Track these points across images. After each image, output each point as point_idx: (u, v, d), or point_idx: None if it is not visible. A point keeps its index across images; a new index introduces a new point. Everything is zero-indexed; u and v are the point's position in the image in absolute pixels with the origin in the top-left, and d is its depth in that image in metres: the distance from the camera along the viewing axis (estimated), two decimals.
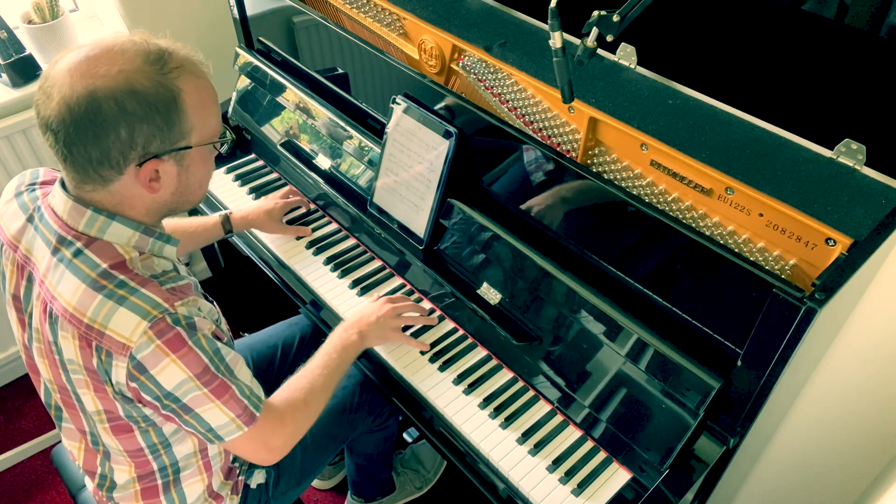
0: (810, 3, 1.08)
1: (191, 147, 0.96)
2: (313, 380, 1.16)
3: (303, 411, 1.12)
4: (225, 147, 1.01)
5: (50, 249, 0.96)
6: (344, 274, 1.52)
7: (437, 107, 1.40)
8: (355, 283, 1.49)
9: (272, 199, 1.62)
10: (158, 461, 1.08)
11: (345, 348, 1.24)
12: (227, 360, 0.99)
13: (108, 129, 0.88)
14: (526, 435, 1.21)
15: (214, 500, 1.20)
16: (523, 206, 1.32)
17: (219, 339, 1.00)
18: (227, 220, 1.53)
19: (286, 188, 1.69)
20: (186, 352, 0.92)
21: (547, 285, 1.25)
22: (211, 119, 0.98)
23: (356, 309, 1.34)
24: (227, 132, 0.95)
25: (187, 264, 1.10)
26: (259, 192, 1.73)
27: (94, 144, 0.88)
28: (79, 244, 0.94)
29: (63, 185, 0.97)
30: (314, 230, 1.63)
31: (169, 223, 1.40)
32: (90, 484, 1.14)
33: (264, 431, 1.04)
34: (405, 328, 1.37)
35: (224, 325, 1.08)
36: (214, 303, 1.08)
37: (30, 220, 1.01)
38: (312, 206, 1.68)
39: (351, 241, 1.60)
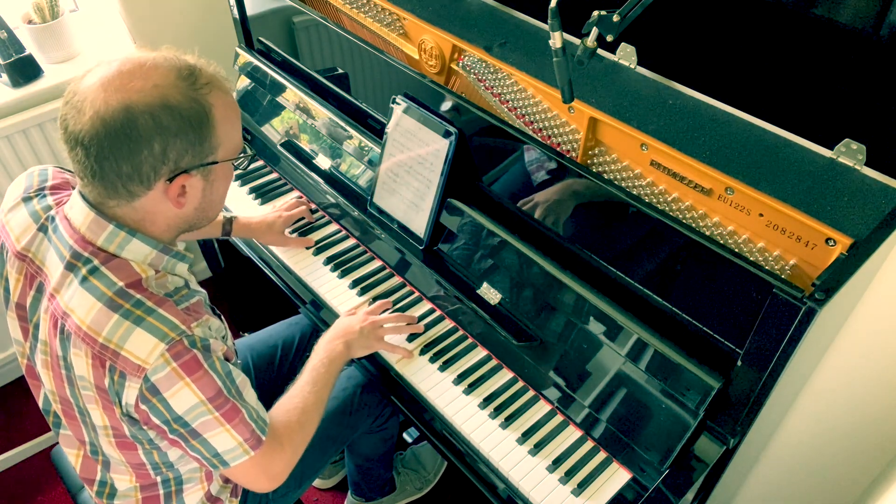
0: (811, 3, 1.08)
1: (217, 162, 0.96)
2: (305, 399, 1.15)
3: (298, 433, 1.11)
4: (245, 163, 1.02)
5: (63, 264, 0.94)
6: (344, 274, 1.52)
7: (436, 107, 1.40)
8: (355, 283, 1.49)
9: (277, 212, 1.60)
10: (161, 476, 1.08)
11: (331, 361, 1.23)
12: (238, 382, 0.99)
13: (143, 143, 0.87)
14: (526, 435, 1.21)
15: (213, 503, 1.19)
16: (523, 207, 1.32)
17: (228, 359, 1.00)
18: (228, 223, 1.53)
19: (292, 200, 1.66)
20: (202, 375, 0.92)
21: (547, 285, 1.25)
22: (236, 135, 0.99)
23: (339, 321, 1.34)
24: (247, 148, 0.95)
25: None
26: (259, 192, 1.73)
27: (126, 159, 0.88)
28: (96, 261, 0.93)
29: (83, 196, 0.95)
30: (314, 230, 1.63)
31: None
32: (89, 489, 1.14)
33: (266, 458, 1.03)
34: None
35: (230, 341, 1.08)
36: (222, 317, 1.07)
37: (41, 229, 1.00)
38: (316, 216, 1.67)
39: (351, 241, 1.60)
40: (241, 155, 1.03)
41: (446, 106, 1.38)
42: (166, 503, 1.12)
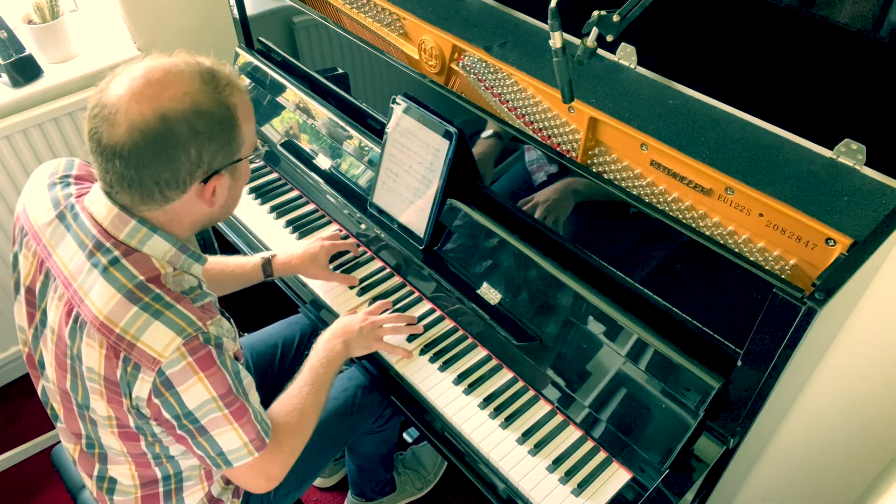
0: (811, 3, 1.08)
1: (241, 159, 0.99)
2: (303, 400, 1.16)
3: (297, 435, 1.12)
4: (261, 156, 1.05)
5: (85, 252, 0.95)
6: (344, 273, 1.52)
7: (436, 107, 1.39)
8: None
9: (317, 242, 1.49)
10: (162, 469, 1.08)
11: (330, 361, 1.24)
12: (245, 382, 1.00)
13: (180, 150, 0.90)
14: (526, 435, 1.21)
15: None
16: (523, 207, 1.32)
17: (237, 359, 1.01)
18: (268, 264, 1.45)
19: (331, 229, 1.59)
20: (215, 371, 0.93)
21: (547, 285, 1.25)
22: (253, 130, 1.01)
23: (339, 320, 1.34)
24: (260, 143, 0.97)
25: None
26: (259, 192, 1.73)
27: (165, 166, 0.90)
28: (117, 252, 0.94)
29: (105, 192, 0.95)
30: (313, 231, 1.63)
31: (209, 263, 1.40)
32: (89, 482, 1.14)
33: (265, 459, 1.04)
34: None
35: (238, 343, 1.09)
36: (231, 320, 1.08)
37: (60, 217, 1.00)
38: (315, 216, 1.68)
39: (350, 242, 1.60)
40: (257, 149, 1.06)
41: (446, 106, 1.38)
42: (165, 501, 1.12)
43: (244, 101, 0.97)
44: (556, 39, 1.01)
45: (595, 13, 0.98)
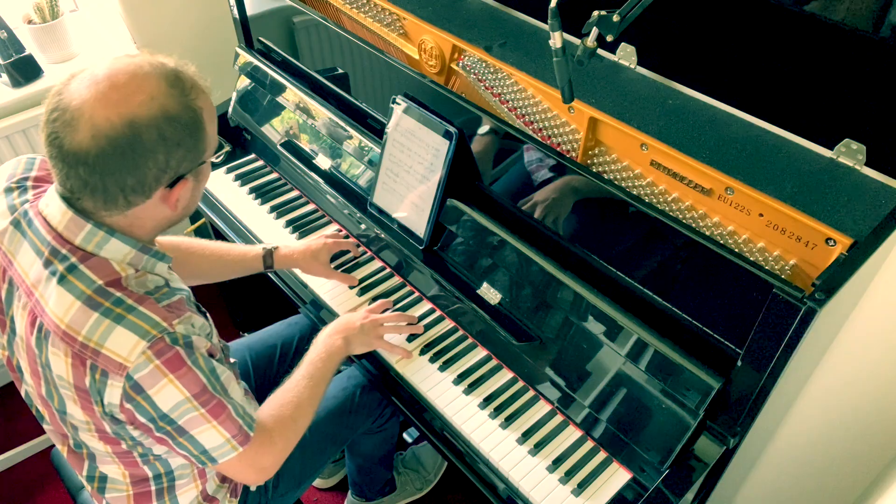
0: (811, 3, 1.08)
1: (205, 162, 0.98)
2: (299, 393, 1.15)
3: (291, 428, 1.11)
4: (222, 157, 1.02)
5: (42, 260, 0.93)
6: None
7: (436, 107, 1.39)
8: None
9: (320, 239, 1.50)
10: (151, 468, 1.07)
11: (329, 356, 1.24)
12: (222, 378, 0.99)
13: (148, 156, 0.88)
14: (526, 435, 1.21)
15: (209, 503, 1.19)
16: (523, 207, 1.32)
17: (213, 356, 0.99)
18: (269, 255, 1.45)
19: (331, 229, 1.60)
20: (185, 372, 0.92)
21: (547, 285, 1.25)
22: (216, 131, 1.00)
23: (340, 317, 1.34)
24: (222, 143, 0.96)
25: None
26: (259, 192, 1.73)
27: (131, 172, 0.88)
28: (73, 259, 0.92)
29: (64, 196, 0.93)
30: (314, 231, 1.63)
31: (209, 248, 1.40)
32: (83, 481, 1.13)
33: (255, 452, 1.03)
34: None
35: (215, 339, 1.07)
36: (207, 314, 1.06)
37: (15, 224, 0.98)
38: (315, 216, 1.68)
39: (352, 241, 1.60)
40: (220, 147, 1.04)
41: (446, 106, 1.38)
42: (158, 500, 1.12)
43: (208, 102, 0.96)
44: (556, 39, 1.01)
45: (595, 13, 0.98)
